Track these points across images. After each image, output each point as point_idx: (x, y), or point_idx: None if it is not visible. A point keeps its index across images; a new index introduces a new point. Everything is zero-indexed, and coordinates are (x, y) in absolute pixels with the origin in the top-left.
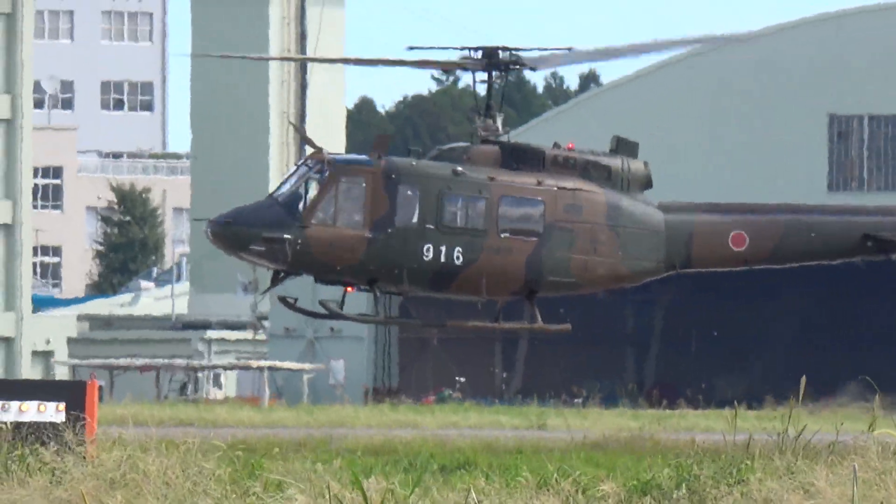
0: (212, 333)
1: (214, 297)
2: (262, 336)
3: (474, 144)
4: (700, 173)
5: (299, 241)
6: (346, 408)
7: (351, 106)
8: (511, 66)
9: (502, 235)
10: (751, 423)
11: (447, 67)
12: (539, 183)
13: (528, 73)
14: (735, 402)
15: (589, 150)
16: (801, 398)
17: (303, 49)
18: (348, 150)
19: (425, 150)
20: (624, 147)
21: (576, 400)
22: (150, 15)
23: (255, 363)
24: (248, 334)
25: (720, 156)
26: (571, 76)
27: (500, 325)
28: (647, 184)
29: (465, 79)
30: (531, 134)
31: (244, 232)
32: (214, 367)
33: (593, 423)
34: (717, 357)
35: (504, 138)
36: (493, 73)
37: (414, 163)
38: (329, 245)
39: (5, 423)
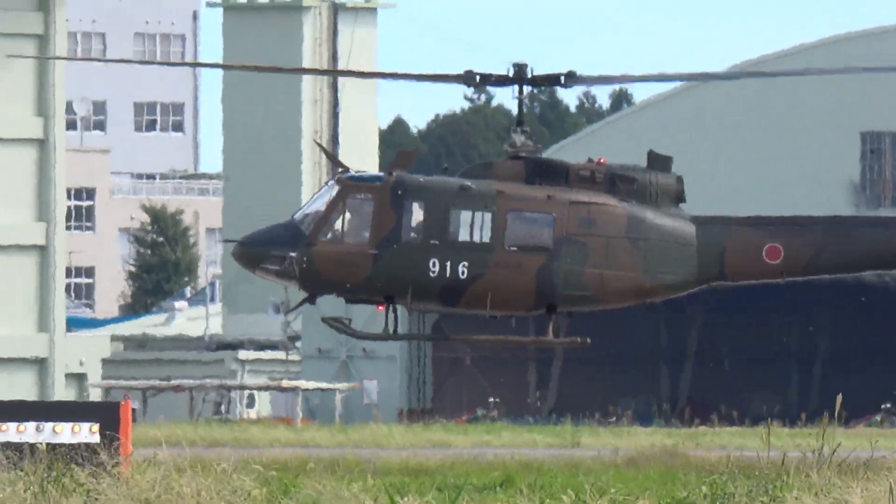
0: (245, 354)
1: (247, 318)
2: (294, 356)
3: (502, 160)
4: (732, 191)
5: (305, 259)
6: (380, 427)
7: (384, 126)
8: (541, 82)
9: (510, 249)
10: (784, 440)
11: (476, 84)
12: (550, 196)
13: (560, 93)
14: (769, 420)
15: (619, 165)
16: (836, 416)
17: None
18: (381, 171)
19: (458, 168)
20: (657, 161)
21: (610, 418)
22: (182, 37)
23: (287, 383)
24: (281, 354)
25: (752, 173)
26: (604, 96)
27: (506, 339)
28: (678, 197)
29: (498, 97)
30: (564, 153)
31: (257, 250)
32: (247, 387)
33: (627, 441)
34: (751, 375)
35: (537, 154)
36: (524, 90)
37: (422, 178)
38: (334, 262)
39: (40, 445)
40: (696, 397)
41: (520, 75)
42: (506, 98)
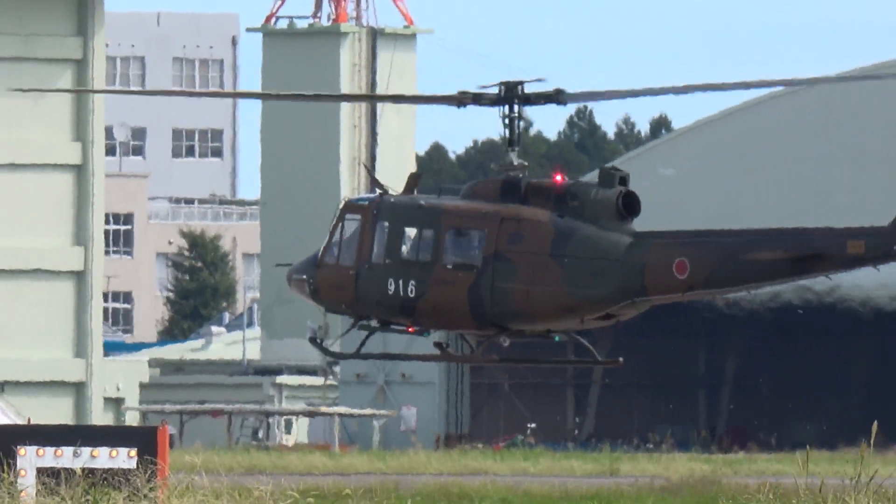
0: (283, 379)
1: (286, 343)
2: (332, 381)
3: (483, 181)
4: (768, 216)
5: (311, 281)
6: (418, 454)
7: (422, 151)
8: (534, 101)
9: (448, 267)
10: (823, 467)
11: (466, 102)
12: (483, 213)
13: (599, 119)
14: (807, 446)
15: (570, 182)
16: (872, 443)
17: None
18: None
19: None
20: (606, 177)
21: (648, 445)
22: (221, 61)
23: (326, 409)
24: (319, 380)
25: (789, 199)
26: (642, 121)
27: (463, 357)
28: (620, 212)
29: (538, 125)
30: None
31: (289, 275)
32: (285, 412)
33: (665, 468)
34: (789, 402)
35: (520, 174)
36: (514, 108)
37: (393, 199)
38: (330, 283)
39: (77, 469)
40: (735, 424)
41: (510, 95)
42: (545, 125)
